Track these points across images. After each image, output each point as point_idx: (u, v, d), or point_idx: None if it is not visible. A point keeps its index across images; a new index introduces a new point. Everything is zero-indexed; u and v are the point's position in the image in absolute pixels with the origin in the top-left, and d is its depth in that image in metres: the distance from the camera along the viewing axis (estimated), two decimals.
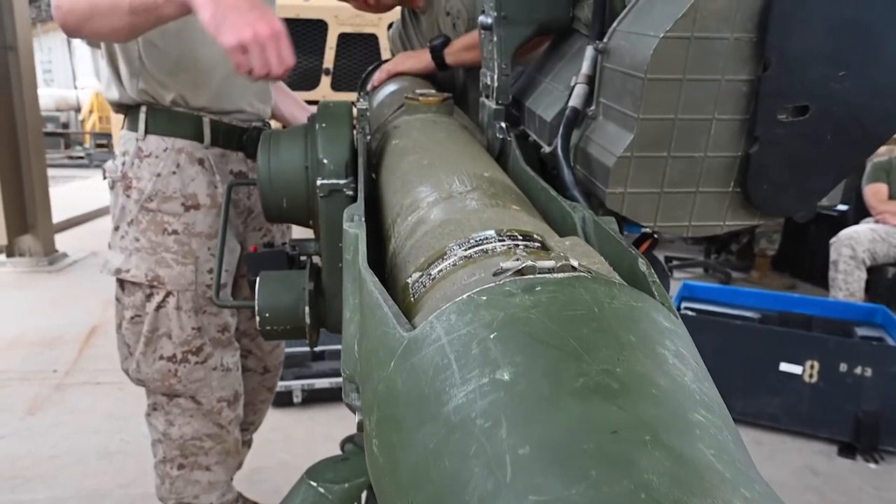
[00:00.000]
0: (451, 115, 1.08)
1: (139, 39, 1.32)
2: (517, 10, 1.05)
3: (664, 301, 0.48)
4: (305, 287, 1.02)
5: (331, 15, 3.48)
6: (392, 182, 0.82)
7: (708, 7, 0.71)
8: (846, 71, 0.73)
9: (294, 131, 1.08)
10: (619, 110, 0.81)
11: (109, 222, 1.46)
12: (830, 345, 2.52)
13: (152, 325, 1.40)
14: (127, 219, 1.39)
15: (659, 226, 0.83)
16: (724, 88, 0.75)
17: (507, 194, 0.68)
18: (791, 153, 0.77)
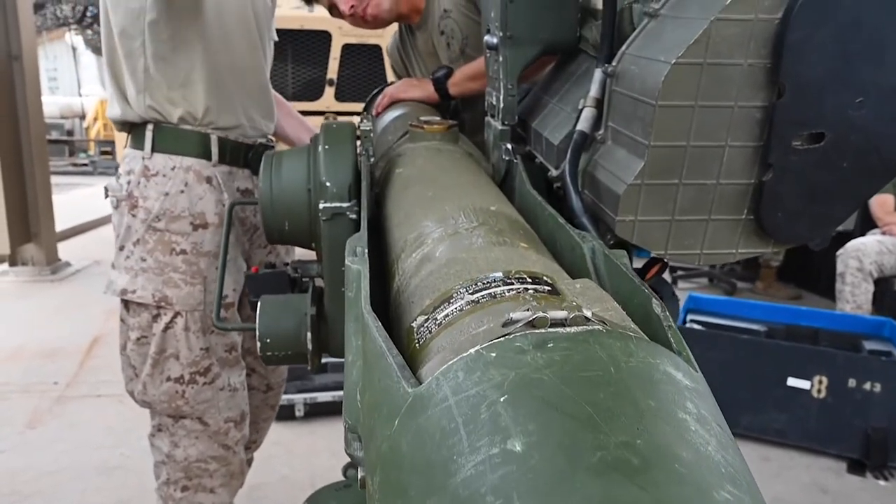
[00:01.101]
0: (456, 142, 1.06)
1: (147, 53, 1.30)
2: (523, 30, 1.03)
3: (681, 349, 0.46)
4: (307, 312, 1.00)
5: (335, 26, 3.47)
6: (396, 214, 0.80)
7: (721, 33, 0.69)
8: (863, 97, 0.71)
9: (296, 152, 1.06)
10: (628, 136, 0.79)
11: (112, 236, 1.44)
12: (839, 360, 2.49)
13: (160, 346, 1.38)
14: (132, 239, 1.37)
15: (670, 254, 0.81)
16: (737, 115, 0.73)
17: (515, 230, 0.66)
18: (806, 181, 0.75)
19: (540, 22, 1.04)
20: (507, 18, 1.03)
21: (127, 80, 1.34)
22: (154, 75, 1.32)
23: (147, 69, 1.31)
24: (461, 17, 1.61)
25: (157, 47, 1.29)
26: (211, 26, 1.35)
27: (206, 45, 1.34)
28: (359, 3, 1.56)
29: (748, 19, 0.69)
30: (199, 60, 1.33)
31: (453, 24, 1.63)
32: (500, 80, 1.06)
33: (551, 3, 1.04)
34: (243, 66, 1.43)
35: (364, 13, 1.57)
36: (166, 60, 1.31)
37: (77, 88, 14.55)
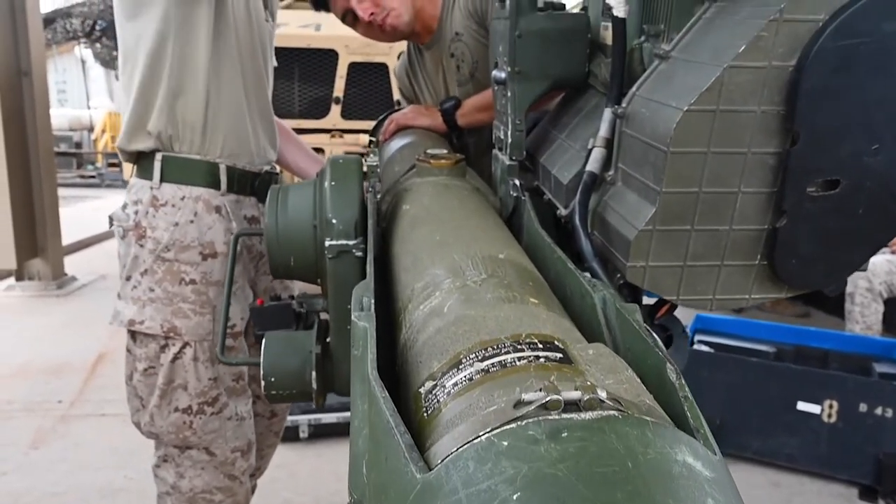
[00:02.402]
0: (463, 177, 1.05)
1: (164, 83, 1.31)
2: (532, 65, 1.03)
3: (699, 426, 0.44)
4: (312, 350, 0.98)
5: (341, 44, 3.49)
6: (403, 257, 0.79)
7: (734, 80, 0.68)
8: (879, 144, 0.70)
9: (302, 188, 1.05)
10: (639, 180, 0.78)
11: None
12: (849, 384, 2.46)
13: (168, 376, 1.37)
14: (140, 269, 1.36)
15: (681, 299, 0.79)
16: (750, 161, 0.72)
17: (524, 281, 0.64)
18: (821, 227, 0.74)
19: (549, 57, 1.03)
20: (515, 54, 1.02)
21: (142, 109, 1.33)
22: (170, 104, 1.32)
23: (164, 98, 1.31)
24: (472, 41, 1.61)
25: (177, 78, 1.30)
26: (228, 58, 1.35)
27: (221, 76, 1.35)
28: (379, 12, 1.56)
29: (761, 66, 0.68)
30: (214, 91, 1.34)
31: (464, 47, 1.63)
32: (508, 115, 1.05)
33: (560, 38, 1.03)
34: (251, 94, 1.43)
35: (383, 22, 1.57)
36: (185, 90, 1.31)
37: (86, 101, 14.67)
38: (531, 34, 1.02)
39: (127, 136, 1.36)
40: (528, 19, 1.02)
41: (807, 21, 0.66)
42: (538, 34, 1.02)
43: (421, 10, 1.62)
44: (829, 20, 0.65)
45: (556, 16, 1.03)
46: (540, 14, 1.02)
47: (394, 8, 1.57)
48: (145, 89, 1.31)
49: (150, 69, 1.30)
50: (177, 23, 1.29)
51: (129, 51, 1.34)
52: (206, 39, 1.31)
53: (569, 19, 1.04)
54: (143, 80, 1.31)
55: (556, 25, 1.03)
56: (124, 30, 1.34)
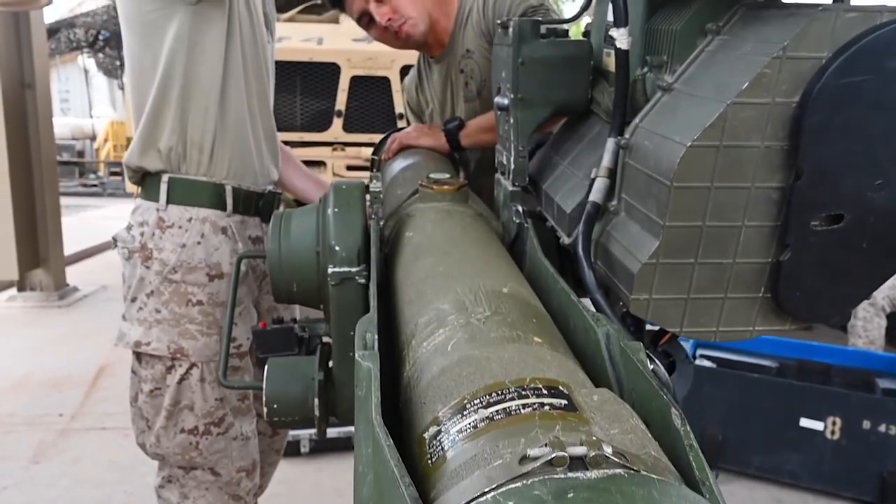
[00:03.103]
0: (465, 202, 1.05)
1: (174, 103, 1.31)
2: (534, 92, 1.03)
3: (704, 478, 0.44)
4: (315, 377, 0.98)
5: (343, 58, 3.50)
6: (407, 289, 0.79)
7: (737, 116, 0.68)
8: (883, 180, 0.70)
9: (305, 213, 1.06)
10: (642, 211, 0.78)
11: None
12: (852, 401, 2.45)
13: (174, 397, 1.37)
14: (146, 290, 1.36)
15: (685, 331, 0.79)
16: (753, 195, 0.72)
17: (527, 318, 0.64)
18: (825, 261, 0.74)
19: (551, 84, 1.04)
20: (518, 81, 1.02)
21: (150, 130, 1.34)
22: (179, 125, 1.33)
23: (173, 119, 1.32)
24: (482, 59, 1.62)
25: (186, 100, 1.31)
26: (235, 78, 1.36)
27: (229, 97, 1.35)
28: (396, 19, 1.57)
29: (765, 103, 0.68)
30: (221, 112, 1.34)
31: (474, 64, 1.64)
32: (511, 142, 1.06)
33: (563, 65, 1.03)
34: (256, 114, 1.44)
35: (399, 29, 1.58)
36: (191, 111, 1.32)
37: (88, 110, 14.72)
38: (534, 61, 1.02)
39: (136, 153, 1.36)
40: (531, 46, 1.02)
41: (810, 58, 0.66)
42: (541, 61, 1.02)
43: (436, 23, 1.64)
44: (832, 58, 0.66)
45: (558, 43, 1.04)
46: (542, 41, 1.03)
47: (411, 16, 1.58)
48: (156, 109, 1.32)
49: (160, 89, 1.31)
50: (188, 44, 1.29)
51: (139, 71, 1.35)
52: (215, 60, 1.32)
53: (571, 46, 1.05)
54: (153, 101, 1.32)
55: (558, 52, 1.04)
56: (133, 50, 1.35)
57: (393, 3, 1.56)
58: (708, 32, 0.79)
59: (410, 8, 1.58)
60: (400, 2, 1.56)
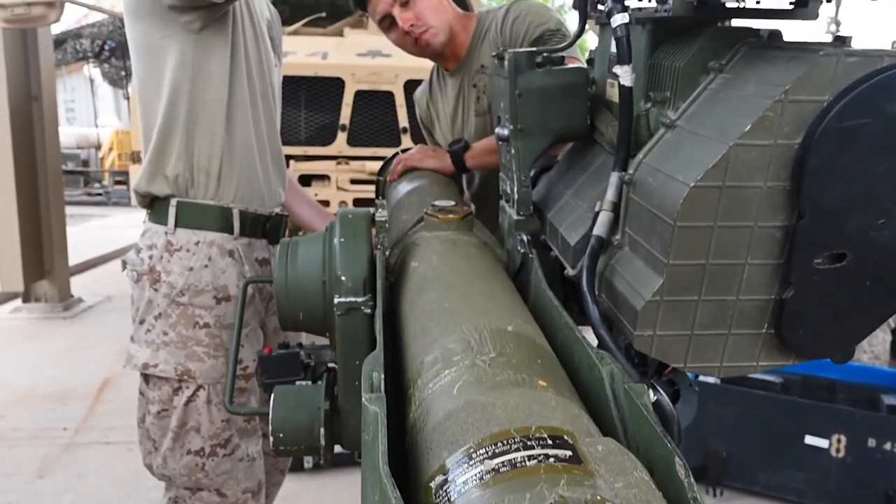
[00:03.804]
0: (470, 231, 1.06)
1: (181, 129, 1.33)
2: (534, 122, 1.04)
3: None
4: (321, 407, 0.99)
5: (348, 73, 3.52)
6: (412, 324, 0.79)
7: (740, 157, 0.69)
8: (885, 219, 0.71)
9: (311, 242, 1.07)
10: (646, 248, 0.78)
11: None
12: (857, 418, 2.44)
13: (181, 419, 1.38)
14: (154, 312, 1.38)
15: (689, 366, 0.80)
16: (756, 234, 0.73)
17: (532, 360, 0.65)
18: (828, 299, 0.74)
19: (550, 113, 1.04)
20: (516, 112, 1.03)
21: (159, 155, 1.36)
22: (186, 151, 1.34)
23: (180, 145, 1.34)
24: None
25: (192, 125, 1.32)
26: (241, 103, 1.38)
27: (235, 121, 1.37)
28: (419, 26, 1.59)
29: (767, 144, 0.68)
30: (228, 137, 1.36)
31: (487, 80, 1.65)
32: (514, 172, 1.07)
33: (560, 94, 1.04)
34: (263, 137, 1.45)
35: (420, 36, 1.60)
36: (199, 137, 1.34)
37: (94, 119, 14.81)
38: (531, 92, 1.03)
39: (145, 180, 1.38)
40: (527, 77, 1.03)
41: (811, 101, 0.67)
42: (538, 91, 1.03)
43: (455, 36, 1.65)
44: (833, 101, 0.66)
45: (554, 72, 1.05)
46: (539, 71, 1.04)
47: (433, 26, 1.59)
48: (162, 135, 1.34)
49: (166, 116, 1.33)
50: (192, 71, 1.31)
51: (145, 97, 1.36)
52: (220, 86, 1.34)
53: (567, 75, 1.05)
54: (160, 128, 1.34)
55: (555, 82, 1.04)
56: (140, 75, 1.37)
57: (417, 9, 1.58)
58: (710, 70, 0.79)
59: (434, 17, 1.60)
60: (424, 10, 1.58)
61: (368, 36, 4.07)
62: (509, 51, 1.04)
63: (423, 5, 1.58)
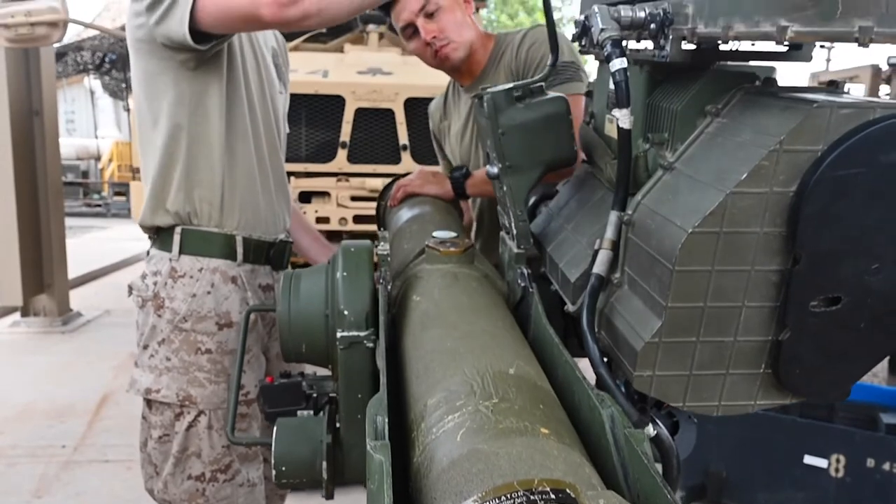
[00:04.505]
0: (471, 263, 1.07)
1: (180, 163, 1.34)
2: (521, 157, 1.05)
3: None
4: (323, 440, 1.00)
5: (348, 91, 3.55)
6: (415, 362, 0.81)
7: (737, 205, 0.70)
8: (879, 264, 0.72)
9: (314, 275, 1.08)
10: (645, 289, 0.80)
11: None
12: (856, 438, 2.45)
13: (182, 444, 1.39)
14: (157, 338, 1.39)
15: (688, 405, 0.81)
16: (753, 278, 0.74)
17: (534, 406, 0.66)
18: (824, 341, 0.76)
19: (536, 146, 1.06)
20: (502, 150, 1.05)
21: (160, 187, 1.37)
22: (187, 182, 1.36)
23: (180, 176, 1.35)
24: None
25: (192, 157, 1.34)
26: (241, 134, 1.39)
27: (236, 152, 1.39)
28: (440, 39, 1.61)
29: (763, 192, 0.70)
30: (228, 168, 1.38)
31: None
32: (509, 207, 1.08)
33: (543, 126, 1.06)
34: (266, 166, 1.47)
35: (440, 49, 1.62)
36: (200, 168, 1.35)
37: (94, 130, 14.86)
38: (514, 128, 1.05)
39: (148, 214, 1.40)
40: (508, 115, 1.04)
41: (806, 151, 0.68)
42: (520, 127, 1.05)
43: (474, 53, 1.68)
44: (827, 151, 0.68)
45: (534, 105, 1.06)
46: (519, 106, 1.05)
47: (454, 41, 1.61)
48: (163, 170, 1.36)
49: (166, 151, 1.35)
50: (191, 107, 1.33)
51: (145, 130, 1.38)
52: (218, 119, 1.35)
53: (548, 106, 1.07)
54: (160, 162, 1.35)
55: (536, 115, 1.06)
56: (140, 107, 1.38)
57: (441, 23, 1.60)
58: (707, 114, 0.81)
59: (456, 33, 1.62)
60: (448, 24, 1.61)
61: (369, 53, 4.10)
62: (488, 90, 1.05)
63: (447, 19, 1.60)
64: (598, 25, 0.85)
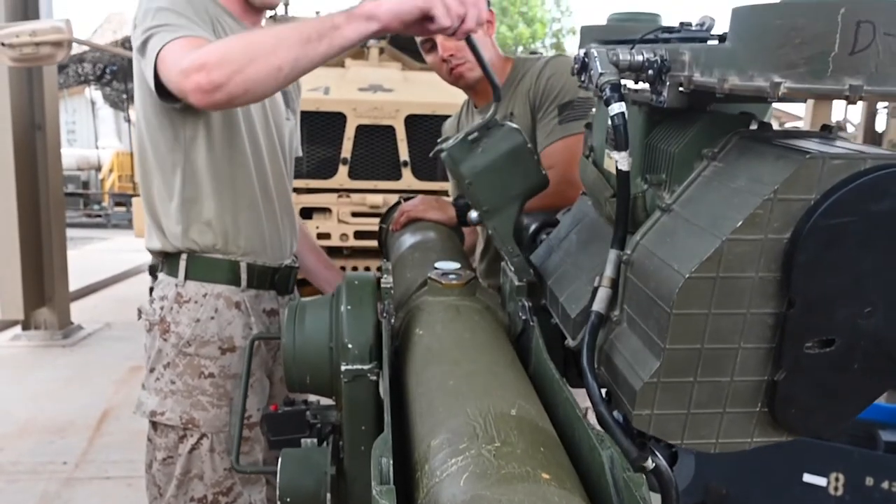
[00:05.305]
0: (473, 295, 1.09)
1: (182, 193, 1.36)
2: (494, 198, 1.07)
3: None
4: (327, 472, 1.01)
5: (349, 108, 3.58)
6: (418, 399, 0.82)
7: (733, 251, 0.72)
8: (871, 308, 0.74)
9: (318, 307, 1.09)
10: (644, 329, 0.82)
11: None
12: (855, 456, 2.46)
13: (185, 467, 1.41)
14: (163, 362, 1.42)
15: (686, 443, 0.82)
16: (749, 321, 0.76)
17: (535, 450, 0.68)
18: (818, 381, 0.77)
19: (505, 184, 1.08)
20: (475, 197, 1.07)
21: (162, 216, 1.40)
22: (188, 211, 1.38)
23: (181, 206, 1.38)
24: (524, 124, 1.67)
25: (192, 188, 1.36)
26: (242, 165, 1.41)
27: (237, 183, 1.41)
28: (458, 58, 1.64)
29: (758, 239, 0.72)
30: (230, 199, 1.40)
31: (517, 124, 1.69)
32: (500, 247, 1.10)
33: (506, 162, 1.07)
34: (271, 194, 1.49)
35: (456, 67, 1.65)
36: (200, 198, 1.38)
37: (94, 141, 14.92)
38: (478, 175, 1.06)
39: (153, 240, 1.43)
40: (469, 164, 1.06)
41: (799, 200, 0.70)
42: (484, 172, 1.06)
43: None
44: (820, 200, 0.70)
45: (491, 147, 1.07)
46: (478, 152, 1.06)
47: (470, 60, 1.63)
48: (162, 202, 1.39)
49: (164, 186, 1.38)
50: (186, 144, 1.35)
51: (145, 161, 1.41)
52: (216, 151, 1.38)
53: (504, 142, 1.08)
54: (159, 195, 1.39)
55: (496, 155, 1.07)
56: (142, 139, 1.41)
57: (460, 42, 1.62)
58: (704, 157, 0.83)
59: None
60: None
61: (370, 68, 4.14)
62: (444, 148, 1.06)
63: None
64: (597, 69, 0.88)
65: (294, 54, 1.07)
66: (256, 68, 1.07)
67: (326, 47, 1.08)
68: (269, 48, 1.07)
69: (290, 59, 1.07)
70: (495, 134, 1.07)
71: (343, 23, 1.06)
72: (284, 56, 1.07)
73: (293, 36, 1.07)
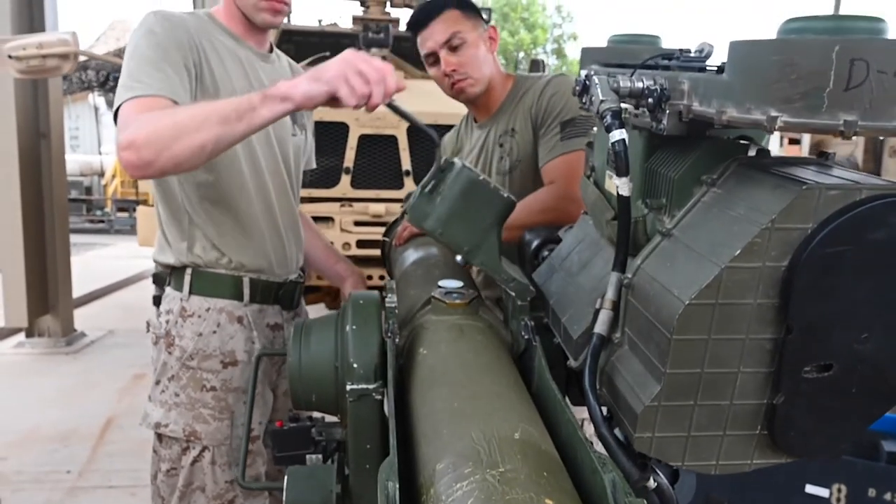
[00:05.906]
0: (476, 314, 1.11)
1: (189, 211, 1.39)
2: (470, 238, 1.08)
3: None
4: (333, 490, 1.02)
5: (352, 118, 3.60)
6: (422, 420, 0.84)
7: (731, 278, 0.74)
8: (868, 333, 0.75)
9: (324, 326, 1.11)
10: (645, 352, 0.83)
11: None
12: (857, 468, 2.46)
13: (187, 479, 1.44)
14: (168, 374, 1.45)
15: (686, 465, 0.84)
16: (748, 346, 0.77)
17: (539, 474, 0.69)
18: (816, 404, 0.79)
19: (473, 221, 1.08)
20: (454, 244, 1.08)
21: (168, 232, 1.43)
22: (192, 231, 1.41)
23: (184, 225, 1.40)
24: (524, 140, 1.69)
25: (192, 209, 1.39)
26: (243, 184, 1.44)
27: (239, 202, 1.43)
28: (459, 73, 1.66)
29: (756, 266, 0.73)
30: (232, 217, 1.42)
31: (514, 143, 1.71)
32: (495, 277, 1.11)
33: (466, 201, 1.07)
34: (275, 211, 1.51)
35: (457, 82, 1.67)
36: (201, 220, 1.40)
37: (97, 147, 14.97)
38: (445, 224, 1.07)
39: (161, 252, 1.46)
40: (433, 218, 1.06)
41: (796, 229, 0.72)
42: (448, 219, 1.07)
43: (492, 90, 1.72)
44: (817, 229, 0.71)
45: (446, 193, 1.07)
46: (436, 201, 1.06)
47: (472, 77, 1.66)
48: (167, 219, 1.42)
49: (167, 204, 1.41)
50: None
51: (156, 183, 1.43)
52: (219, 174, 1.40)
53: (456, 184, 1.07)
54: (164, 212, 1.42)
55: (453, 199, 1.07)
56: None
57: (463, 57, 1.64)
58: (703, 183, 0.85)
59: (475, 69, 1.66)
60: (469, 60, 1.65)
61: None
62: (406, 209, 1.07)
63: (469, 54, 1.64)
64: (598, 96, 0.89)
65: (216, 133, 1.14)
66: (181, 146, 1.14)
67: (245, 126, 1.15)
68: (194, 127, 1.14)
69: (212, 137, 1.14)
70: (448, 177, 1.08)
71: (259, 104, 1.12)
72: (207, 135, 1.14)
73: (214, 116, 1.14)
